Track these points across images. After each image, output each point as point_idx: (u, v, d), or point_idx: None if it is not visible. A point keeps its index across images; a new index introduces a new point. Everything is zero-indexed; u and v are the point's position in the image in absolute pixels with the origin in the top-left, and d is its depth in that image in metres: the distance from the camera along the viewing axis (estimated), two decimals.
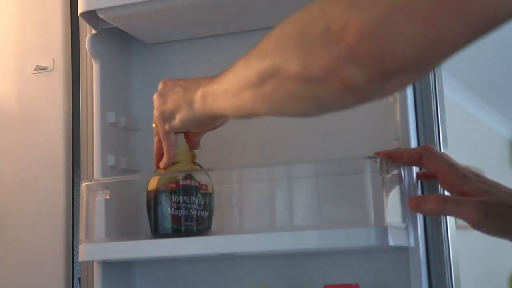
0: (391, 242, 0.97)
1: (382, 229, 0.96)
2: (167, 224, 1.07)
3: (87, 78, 1.28)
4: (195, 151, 1.12)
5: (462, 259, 1.17)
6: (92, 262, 1.18)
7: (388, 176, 1.00)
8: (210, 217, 1.10)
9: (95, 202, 1.11)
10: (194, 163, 1.12)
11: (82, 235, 1.11)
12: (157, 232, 1.07)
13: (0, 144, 1.38)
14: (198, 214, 1.08)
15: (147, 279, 1.24)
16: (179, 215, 1.07)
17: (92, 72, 1.22)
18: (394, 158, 1.00)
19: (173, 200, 1.07)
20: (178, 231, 1.06)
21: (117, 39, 1.27)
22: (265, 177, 1.09)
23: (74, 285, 1.28)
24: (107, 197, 1.11)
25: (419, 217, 1.04)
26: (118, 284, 1.20)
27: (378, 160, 0.98)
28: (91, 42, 1.21)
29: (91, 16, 1.19)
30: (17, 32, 1.41)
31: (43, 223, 1.32)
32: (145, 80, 1.30)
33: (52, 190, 1.32)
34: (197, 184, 1.08)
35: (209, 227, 1.09)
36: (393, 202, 1.00)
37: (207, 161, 1.16)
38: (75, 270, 1.29)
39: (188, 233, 1.06)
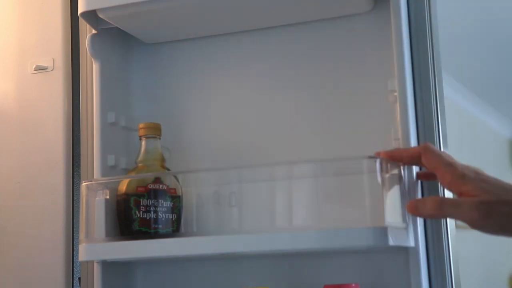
0: (391, 242, 0.96)
1: (382, 229, 0.96)
2: (135, 226, 1.10)
3: (87, 78, 1.28)
4: (164, 154, 1.16)
5: (462, 259, 1.17)
6: (92, 262, 1.18)
7: (388, 176, 1.00)
8: (178, 219, 1.13)
9: (95, 202, 1.11)
10: (163, 167, 1.15)
11: (82, 235, 1.12)
12: (124, 234, 1.10)
13: (0, 144, 1.38)
14: (166, 217, 1.11)
15: (147, 279, 1.24)
16: (147, 218, 1.10)
17: (92, 72, 1.22)
18: (395, 158, 1.00)
19: (141, 204, 1.10)
20: (146, 233, 1.09)
21: (117, 39, 1.27)
22: (266, 177, 1.09)
23: (74, 285, 1.28)
24: (107, 197, 1.12)
25: (419, 217, 1.04)
26: (118, 284, 1.20)
27: (378, 160, 0.98)
28: (91, 42, 1.21)
29: (91, 16, 1.19)
30: (17, 32, 1.41)
31: (43, 223, 1.32)
32: (145, 80, 1.30)
33: (52, 190, 1.32)
34: (165, 187, 1.11)
35: (177, 229, 1.12)
36: (393, 202, 1.00)
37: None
38: (75, 270, 1.29)
39: (156, 235, 1.09)
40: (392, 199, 1.00)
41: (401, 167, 1.02)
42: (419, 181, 1.05)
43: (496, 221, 0.90)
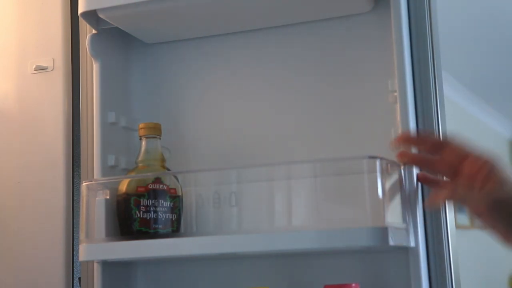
0: (391, 242, 0.97)
1: (382, 229, 0.96)
2: (136, 226, 1.10)
3: (87, 78, 1.28)
4: (164, 154, 1.16)
5: (462, 259, 1.17)
6: (92, 262, 1.18)
7: (388, 176, 1.00)
8: (178, 219, 1.13)
9: (95, 202, 1.11)
10: (164, 167, 1.16)
11: (82, 235, 1.12)
12: (124, 234, 1.10)
13: (0, 144, 1.38)
14: (167, 217, 1.11)
15: (147, 279, 1.24)
16: (147, 218, 1.10)
17: (92, 72, 1.22)
18: (415, 144, 1.00)
19: (142, 204, 1.10)
20: (146, 233, 1.09)
21: (117, 39, 1.27)
22: (266, 177, 1.09)
23: (74, 285, 1.28)
24: (107, 197, 1.12)
25: (419, 217, 1.04)
26: (118, 284, 1.20)
27: (379, 160, 0.98)
28: (91, 42, 1.21)
29: (91, 16, 1.19)
30: (17, 32, 1.41)
31: (43, 223, 1.32)
32: (145, 80, 1.30)
33: (52, 190, 1.32)
34: (165, 187, 1.11)
35: (177, 229, 1.12)
36: (393, 202, 1.00)
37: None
38: (75, 270, 1.29)
39: (156, 235, 1.09)
40: (392, 199, 1.00)
41: (401, 167, 1.02)
42: (419, 182, 1.05)
43: (500, 218, 0.90)
